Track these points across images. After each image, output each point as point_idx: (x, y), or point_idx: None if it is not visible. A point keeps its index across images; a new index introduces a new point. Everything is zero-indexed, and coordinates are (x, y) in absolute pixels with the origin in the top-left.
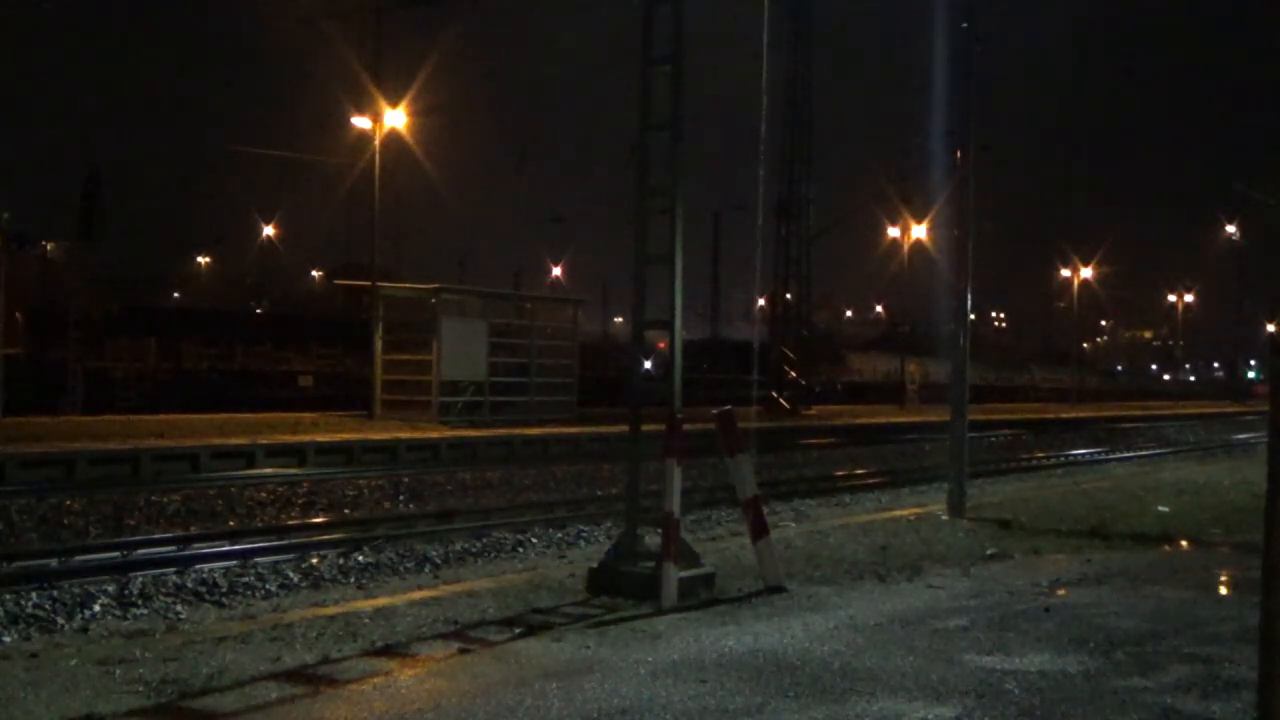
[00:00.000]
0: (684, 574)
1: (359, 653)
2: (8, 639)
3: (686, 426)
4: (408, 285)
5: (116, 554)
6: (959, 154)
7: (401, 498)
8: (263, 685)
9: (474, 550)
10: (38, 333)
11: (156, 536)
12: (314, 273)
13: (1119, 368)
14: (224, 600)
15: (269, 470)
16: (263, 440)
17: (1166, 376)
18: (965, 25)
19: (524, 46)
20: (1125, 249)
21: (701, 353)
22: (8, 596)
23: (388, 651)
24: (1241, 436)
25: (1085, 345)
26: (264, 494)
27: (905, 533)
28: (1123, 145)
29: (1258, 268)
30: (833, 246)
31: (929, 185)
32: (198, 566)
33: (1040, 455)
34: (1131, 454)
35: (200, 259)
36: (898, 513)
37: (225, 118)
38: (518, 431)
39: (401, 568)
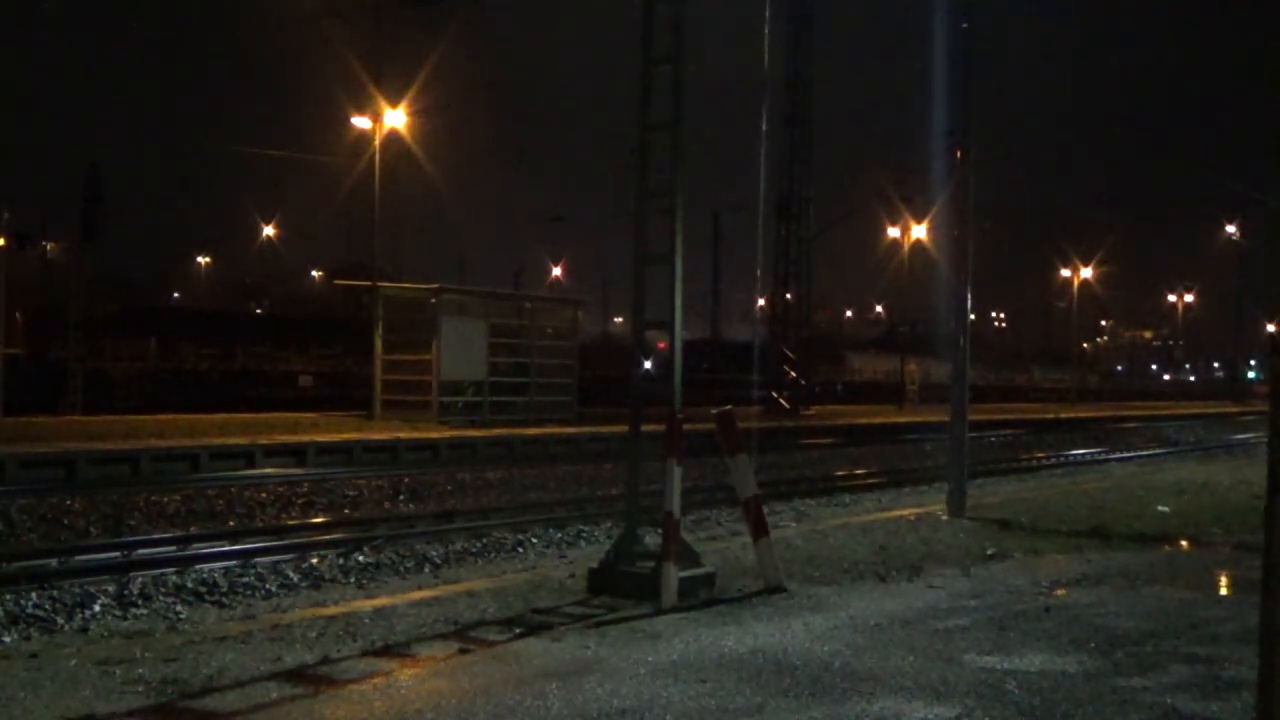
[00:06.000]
0: (684, 574)
1: (359, 653)
2: (8, 639)
3: (686, 426)
4: (408, 285)
5: (116, 554)
6: (959, 154)
7: (401, 498)
8: (263, 685)
9: (474, 550)
10: (38, 333)
11: (156, 536)
12: (314, 273)
13: (1119, 368)
14: (224, 600)
15: (269, 470)
16: (263, 440)
17: (1166, 376)
18: (965, 25)
19: (524, 46)
20: (1125, 249)
21: (701, 353)
22: (8, 596)
23: (388, 651)
24: (1241, 436)
25: (1085, 345)
26: (264, 494)
27: (905, 533)
28: (1123, 145)
29: (1258, 268)
30: (833, 246)
31: (929, 185)
32: (198, 566)
33: (1040, 455)
34: (1131, 454)
35: (200, 259)
36: (898, 513)
37: (225, 118)
38: (518, 431)
39: (401, 568)
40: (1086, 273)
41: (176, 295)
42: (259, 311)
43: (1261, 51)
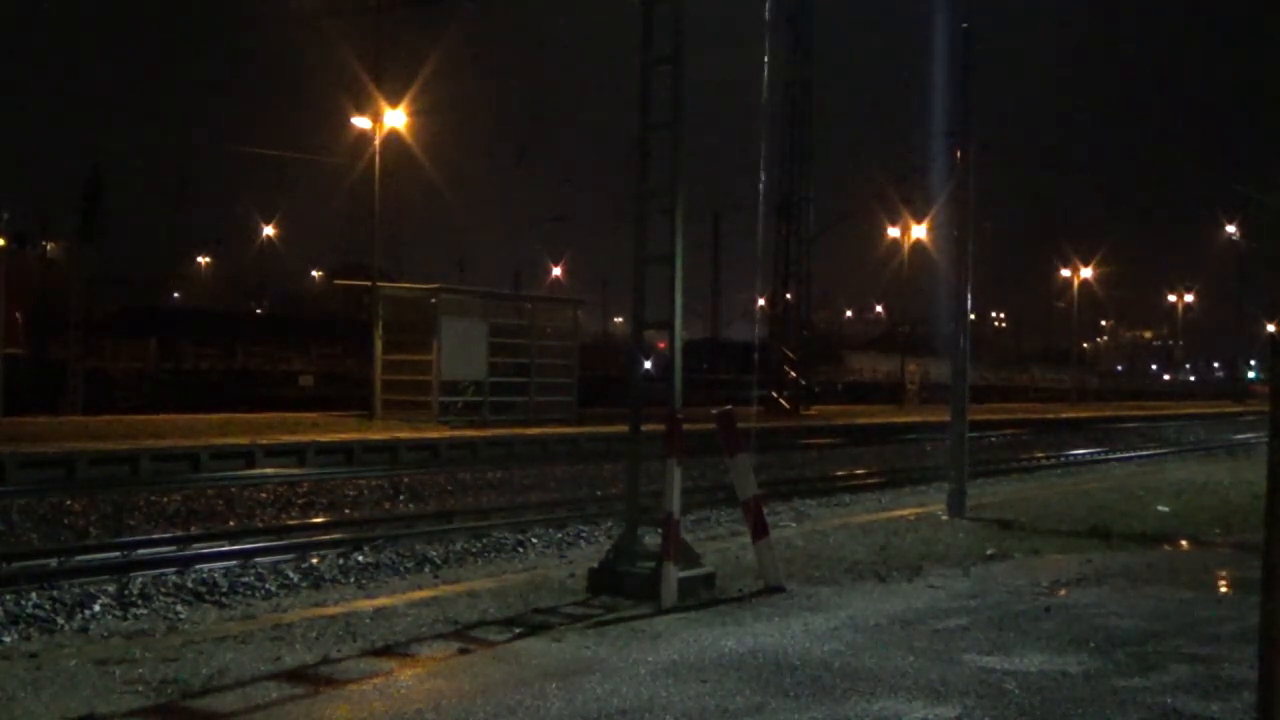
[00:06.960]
0: (684, 574)
1: (359, 653)
2: (8, 639)
3: (686, 426)
4: (408, 285)
5: (116, 554)
6: (959, 154)
7: (401, 498)
8: (263, 685)
9: (474, 550)
10: (38, 333)
11: (156, 536)
12: (314, 273)
13: (1119, 368)
14: (224, 600)
15: (269, 470)
16: (263, 440)
17: (1166, 376)
18: (965, 25)
19: (524, 46)
20: (1125, 249)
21: (701, 353)
22: (8, 596)
23: (388, 651)
24: (1241, 436)
25: (1085, 345)
26: (264, 494)
27: (905, 533)
28: (1123, 145)
29: (1258, 268)
30: (833, 246)
31: (929, 185)
32: (198, 566)
33: (1040, 455)
34: (1131, 454)
35: (200, 259)
36: (898, 513)
37: (224, 118)
38: (518, 431)
39: (401, 568)
40: (1086, 273)
41: (176, 295)
42: (259, 311)
43: (1262, 51)
